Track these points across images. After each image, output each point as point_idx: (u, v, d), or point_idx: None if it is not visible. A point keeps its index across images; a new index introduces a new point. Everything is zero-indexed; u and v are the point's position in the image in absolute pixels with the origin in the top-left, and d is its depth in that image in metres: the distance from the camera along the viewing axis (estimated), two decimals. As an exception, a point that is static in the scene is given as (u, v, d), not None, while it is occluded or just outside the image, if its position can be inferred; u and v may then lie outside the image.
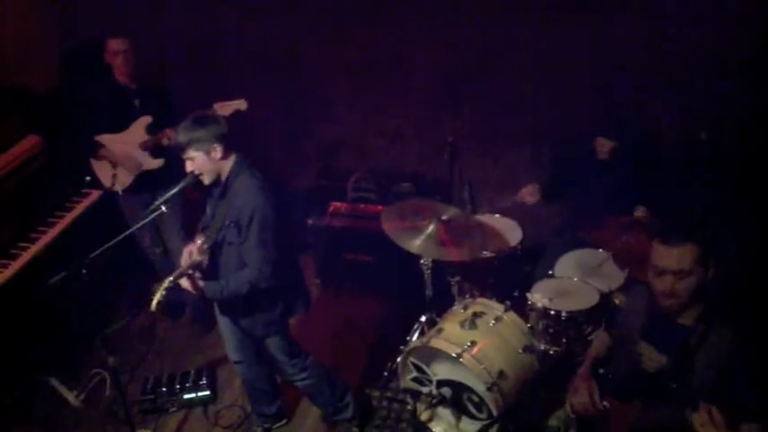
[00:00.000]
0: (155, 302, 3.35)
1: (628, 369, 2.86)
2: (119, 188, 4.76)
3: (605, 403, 2.86)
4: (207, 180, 3.47)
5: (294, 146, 5.84)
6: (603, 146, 4.38)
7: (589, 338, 3.92)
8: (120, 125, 4.70)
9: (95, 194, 4.94)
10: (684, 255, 2.59)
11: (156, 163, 4.73)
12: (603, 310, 3.89)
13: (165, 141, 4.61)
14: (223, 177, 3.47)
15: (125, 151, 4.68)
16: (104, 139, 4.71)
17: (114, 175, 4.74)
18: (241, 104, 4.49)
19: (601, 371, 3.01)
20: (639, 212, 4.27)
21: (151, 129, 4.67)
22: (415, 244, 4.12)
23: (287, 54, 5.58)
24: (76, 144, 4.79)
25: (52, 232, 4.64)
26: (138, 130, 4.68)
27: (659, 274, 2.65)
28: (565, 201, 4.79)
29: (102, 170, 4.80)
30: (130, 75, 4.65)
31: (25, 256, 4.42)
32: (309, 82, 5.64)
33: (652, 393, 2.73)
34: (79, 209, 4.85)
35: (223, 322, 3.89)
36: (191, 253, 3.55)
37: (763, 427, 2.45)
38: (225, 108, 4.51)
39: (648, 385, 2.74)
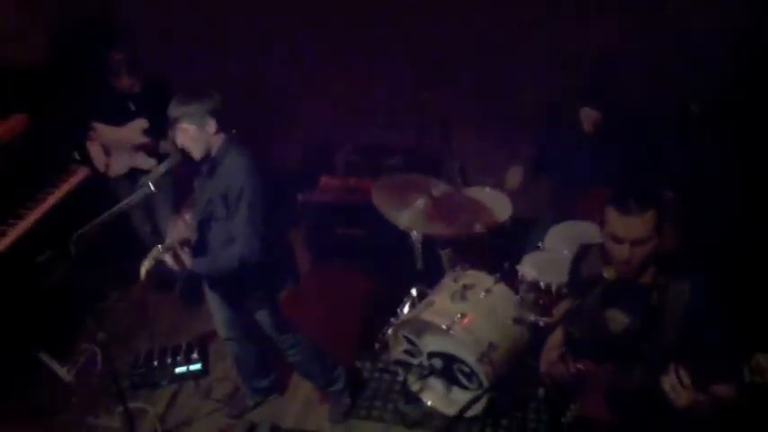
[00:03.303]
0: (143, 271, 3.41)
1: (595, 332, 2.86)
2: (112, 174, 4.76)
3: (579, 366, 2.84)
4: (197, 155, 3.45)
5: (284, 120, 5.80)
6: (588, 117, 4.34)
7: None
8: (111, 120, 4.67)
9: (83, 172, 4.91)
10: (642, 223, 2.57)
11: (149, 163, 4.69)
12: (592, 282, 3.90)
13: (160, 149, 4.59)
14: (212, 153, 3.46)
15: (118, 147, 4.66)
16: (99, 128, 4.69)
17: (107, 164, 4.73)
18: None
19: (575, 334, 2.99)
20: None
21: (148, 133, 4.63)
22: (405, 218, 4.12)
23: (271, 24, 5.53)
24: (66, 123, 4.76)
25: (39, 210, 4.62)
26: (135, 131, 4.64)
27: (616, 243, 2.63)
28: (553, 174, 4.78)
29: (96, 154, 4.77)
30: (129, 85, 4.63)
31: (12, 234, 4.40)
32: (299, 57, 5.59)
33: (624, 355, 2.73)
34: (66, 186, 4.82)
35: (212, 298, 3.89)
36: (178, 228, 3.54)
37: (737, 387, 2.42)
38: None
39: (618, 347, 2.76)
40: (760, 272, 4.06)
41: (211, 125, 3.37)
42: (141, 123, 4.66)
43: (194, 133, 3.37)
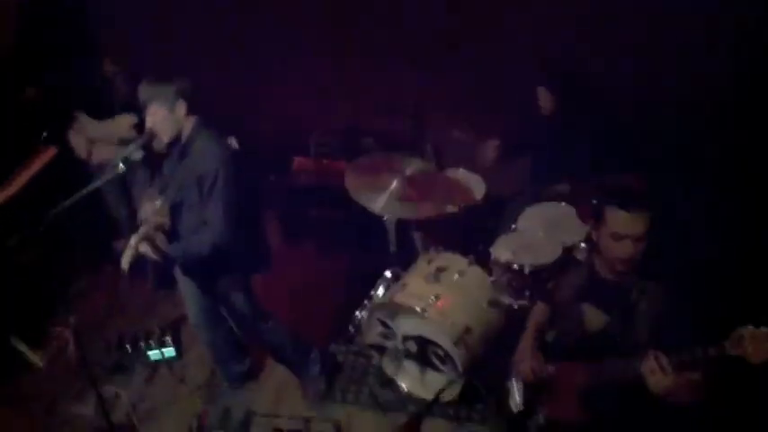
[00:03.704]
0: (125, 262, 3.37)
1: (570, 331, 2.93)
2: (94, 162, 4.66)
3: (550, 368, 2.95)
4: (166, 138, 3.41)
5: (257, 101, 5.71)
6: (545, 99, 4.33)
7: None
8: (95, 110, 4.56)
9: (51, 151, 4.80)
10: (643, 221, 2.66)
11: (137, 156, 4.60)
12: (566, 264, 3.91)
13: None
14: (183, 137, 3.41)
15: (103, 143, 4.55)
16: (83, 120, 4.57)
17: (90, 152, 4.63)
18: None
19: (548, 336, 3.08)
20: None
21: (137, 127, 4.50)
22: (379, 203, 4.11)
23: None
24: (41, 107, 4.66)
25: (7, 192, 4.52)
26: (122, 125, 4.51)
27: (618, 240, 2.69)
28: (526, 157, 4.77)
29: (78, 142, 4.65)
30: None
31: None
32: (272, 36, 5.48)
33: (597, 351, 2.80)
34: (34, 167, 4.71)
35: (184, 284, 3.85)
36: (151, 213, 3.50)
37: (703, 376, 2.54)
38: None
39: (592, 344, 2.81)
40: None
41: (181, 107, 3.34)
42: (130, 119, 4.50)
43: (164, 115, 3.34)
